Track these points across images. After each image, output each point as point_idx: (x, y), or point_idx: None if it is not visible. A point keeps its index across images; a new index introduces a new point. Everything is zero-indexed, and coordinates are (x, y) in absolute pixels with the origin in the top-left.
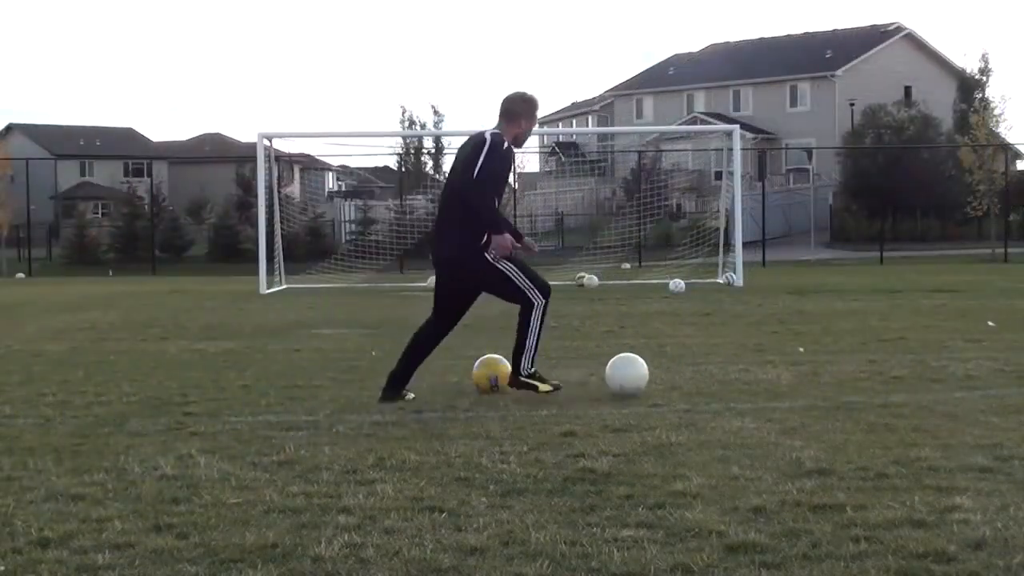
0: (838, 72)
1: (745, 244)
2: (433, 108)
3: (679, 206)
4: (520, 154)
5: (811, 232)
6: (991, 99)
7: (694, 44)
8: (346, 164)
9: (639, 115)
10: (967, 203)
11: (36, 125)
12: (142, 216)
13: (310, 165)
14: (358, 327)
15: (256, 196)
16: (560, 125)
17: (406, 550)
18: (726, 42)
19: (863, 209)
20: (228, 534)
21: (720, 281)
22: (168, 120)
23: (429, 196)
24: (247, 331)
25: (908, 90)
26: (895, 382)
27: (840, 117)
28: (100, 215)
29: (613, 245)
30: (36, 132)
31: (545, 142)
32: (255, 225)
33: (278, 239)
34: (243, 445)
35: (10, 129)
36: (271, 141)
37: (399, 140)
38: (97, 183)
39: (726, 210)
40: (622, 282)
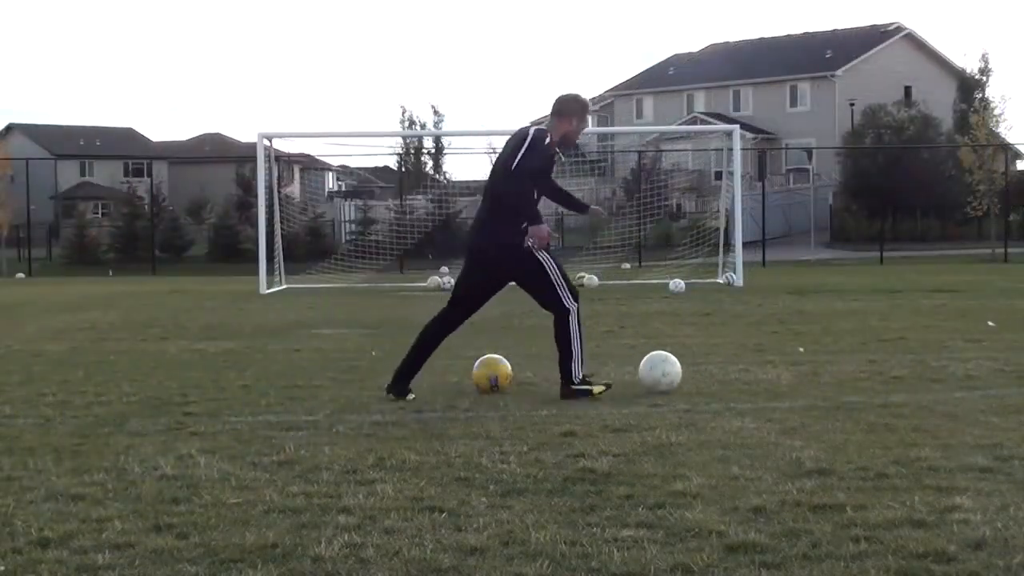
0: (838, 72)
1: (745, 244)
2: (433, 108)
3: (679, 206)
4: None
5: (811, 232)
6: (991, 99)
7: (694, 44)
8: (346, 164)
9: (639, 115)
10: (967, 203)
11: (36, 125)
12: (142, 216)
13: (310, 165)
14: (358, 327)
15: (256, 196)
16: None
17: (406, 550)
18: (726, 42)
19: (863, 209)
20: (228, 534)
21: (720, 281)
22: (168, 120)
23: (429, 196)
24: (247, 331)
25: (908, 90)
26: (895, 382)
27: (840, 117)
28: (100, 215)
29: (613, 245)
30: (36, 132)
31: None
32: (255, 225)
33: (278, 239)
34: (243, 445)
35: (10, 129)
36: (271, 141)
37: (399, 140)
38: (97, 183)
39: (726, 210)
40: (622, 282)
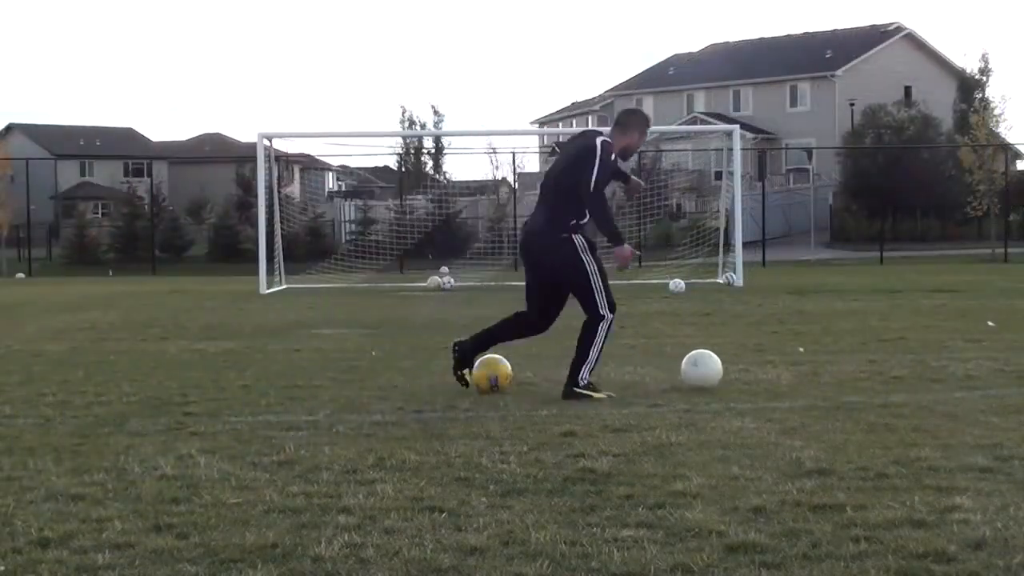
0: (838, 72)
1: (745, 244)
2: (433, 108)
3: (679, 206)
4: (520, 154)
5: (811, 232)
6: (991, 99)
7: (694, 44)
8: (346, 164)
9: None
10: (967, 203)
11: (36, 125)
12: (142, 216)
13: (310, 165)
14: (358, 327)
15: (256, 196)
16: (560, 125)
17: (406, 550)
18: (726, 42)
19: (863, 209)
20: (228, 534)
21: (720, 281)
22: (168, 120)
23: (429, 196)
24: (247, 331)
25: (908, 90)
26: (895, 382)
27: (840, 117)
28: (100, 215)
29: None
30: (36, 132)
31: (545, 142)
32: (255, 225)
33: (278, 239)
34: (243, 445)
35: (10, 129)
36: (271, 141)
37: (399, 140)
38: (97, 183)
39: (726, 210)
40: (622, 282)
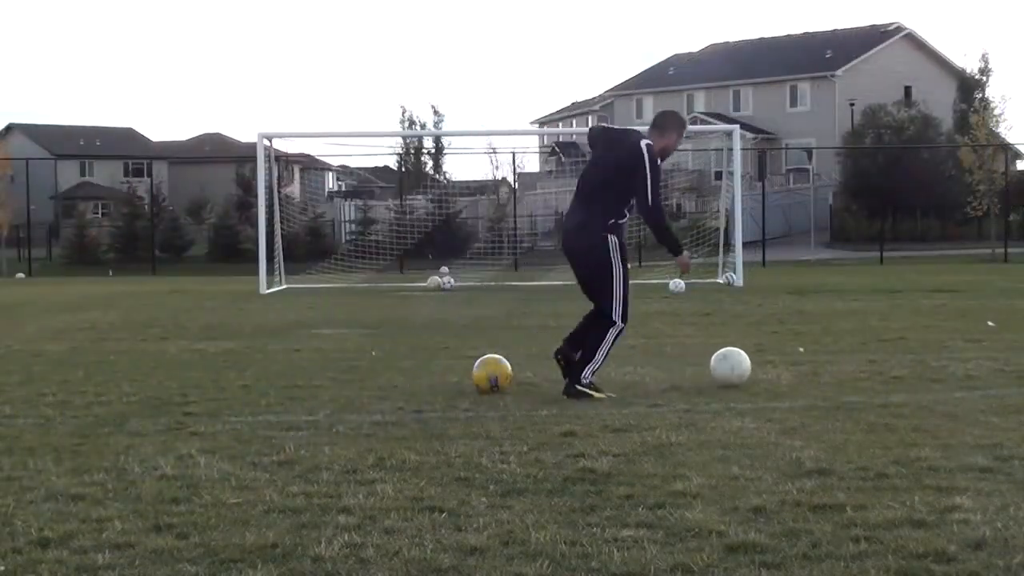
0: (838, 72)
1: (745, 244)
2: (433, 108)
3: (679, 206)
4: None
5: (811, 232)
6: (991, 99)
7: (694, 44)
8: (346, 164)
9: (639, 115)
10: (967, 203)
11: (36, 125)
12: (142, 216)
13: (310, 165)
14: (358, 327)
15: (256, 196)
16: (560, 125)
17: (406, 550)
18: (726, 42)
19: (863, 209)
20: (228, 534)
21: (720, 281)
22: (168, 120)
23: (429, 196)
24: (247, 331)
25: (908, 90)
26: (895, 382)
27: (840, 117)
28: (100, 215)
29: None
30: (36, 132)
31: (545, 142)
32: (255, 225)
33: (278, 239)
34: (243, 445)
35: (10, 129)
36: (271, 141)
37: (399, 140)
38: (97, 183)
39: (726, 210)
40: None
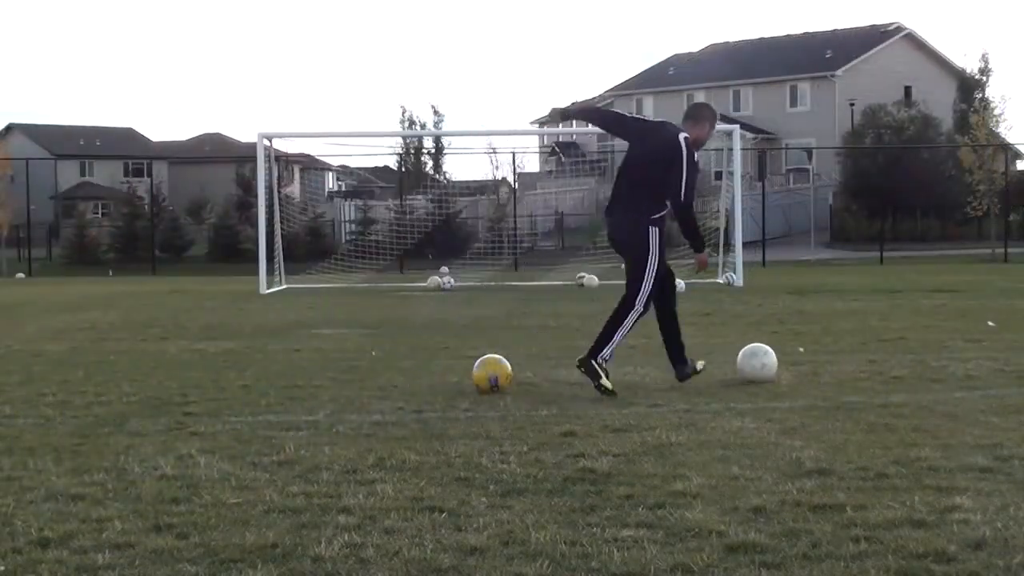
0: (838, 72)
1: (745, 244)
2: (433, 108)
3: None
4: (520, 154)
5: (811, 232)
6: (991, 99)
7: (694, 44)
8: (346, 164)
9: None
10: (967, 203)
11: (36, 125)
12: (142, 216)
13: (310, 165)
14: (358, 327)
15: (256, 196)
16: (560, 125)
17: (406, 550)
18: (726, 42)
19: (863, 209)
20: (228, 534)
21: (720, 281)
22: (168, 120)
23: (429, 196)
24: (247, 331)
25: (908, 90)
26: (895, 382)
27: (840, 117)
28: (100, 215)
29: None
30: (36, 132)
31: (545, 142)
32: (255, 225)
33: (278, 239)
34: (243, 445)
35: (10, 129)
36: (271, 141)
37: (399, 140)
38: (97, 183)
39: (726, 210)
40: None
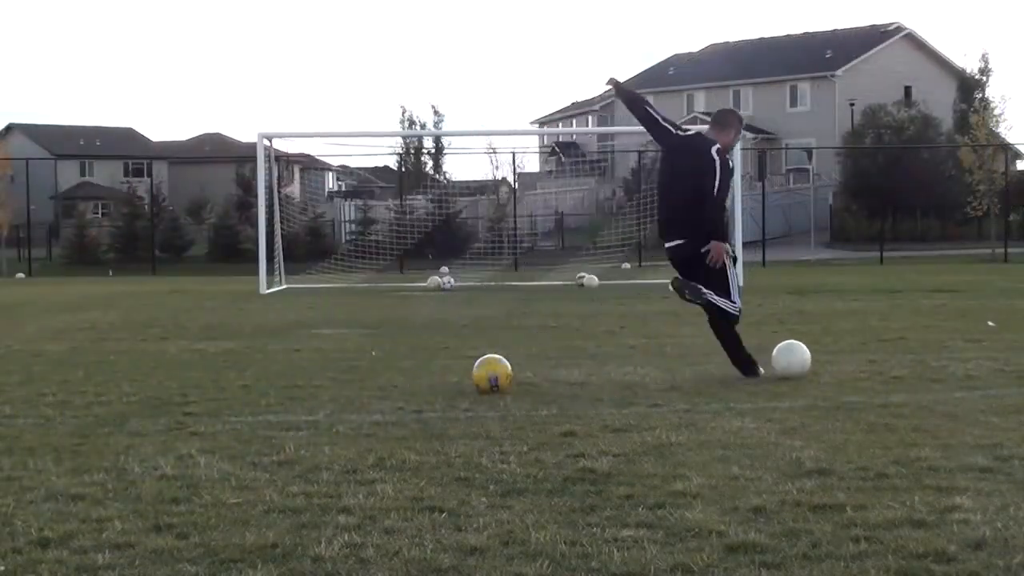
0: (838, 72)
1: (745, 244)
2: (433, 108)
3: None
4: (520, 154)
5: (811, 232)
6: (991, 99)
7: (694, 44)
8: (346, 164)
9: None
10: (967, 203)
11: (36, 125)
12: (142, 216)
13: (310, 165)
14: (358, 327)
15: (256, 196)
16: (560, 125)
17: (406, 550)
18: (726, 42)
19: (863, 209)
20: (228, 534)
21: None
22: (168, 120)
23: (429, 196)
24: (247, 331)
25: (908, 90)
26: (895, 382)
27: (840, 117)
28: (100, 215)
29: (613, 245)
30: (36, 132)
31: (545, 142)
32: (255, 225)
33: (278, 239)
34: (243, 445)
35: (10, 129)
36: (271, 141)
37: (399, 140)
38: (97, 183)
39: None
40: (622, 282)
